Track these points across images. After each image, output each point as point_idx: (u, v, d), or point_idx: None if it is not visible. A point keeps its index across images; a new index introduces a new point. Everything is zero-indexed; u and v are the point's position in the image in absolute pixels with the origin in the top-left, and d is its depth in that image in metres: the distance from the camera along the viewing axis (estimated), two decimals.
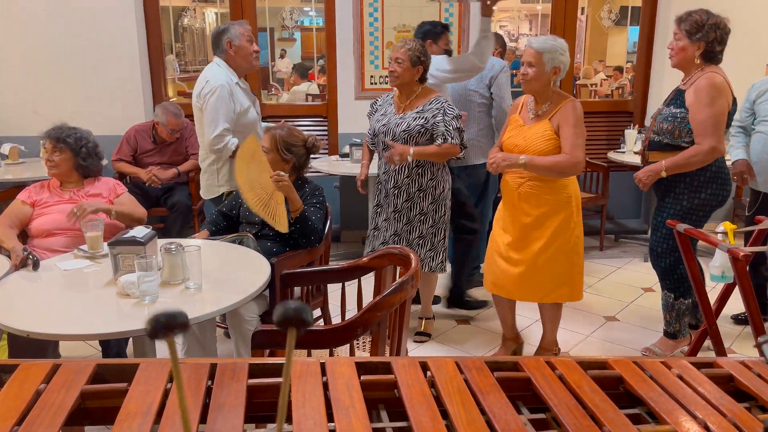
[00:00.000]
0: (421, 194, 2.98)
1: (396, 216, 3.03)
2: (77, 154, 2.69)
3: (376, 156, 3.26)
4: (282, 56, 7.45)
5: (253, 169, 2.48)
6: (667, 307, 2.98)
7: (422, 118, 2.87)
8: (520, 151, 2.59)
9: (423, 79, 2.94)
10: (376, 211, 3.13)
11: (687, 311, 2.96)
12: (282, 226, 2.46)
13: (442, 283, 3.61)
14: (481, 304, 3.61)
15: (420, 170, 2.95)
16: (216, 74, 3.01)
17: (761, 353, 1.23)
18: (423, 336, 3.25)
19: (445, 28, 3.52)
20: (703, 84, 2.67)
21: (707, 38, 2.67)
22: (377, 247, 3.06)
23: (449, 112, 2.87)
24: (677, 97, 2.78)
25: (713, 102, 2.66)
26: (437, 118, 2.85)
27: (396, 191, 3.00)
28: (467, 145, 3.00)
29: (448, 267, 3.38)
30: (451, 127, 2.85)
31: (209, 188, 3.16)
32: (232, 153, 2.95)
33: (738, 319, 3.36)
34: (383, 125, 2.97)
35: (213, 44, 3.09)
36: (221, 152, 2.99)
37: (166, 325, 0.61)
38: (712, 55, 2.70)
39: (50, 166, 2.68)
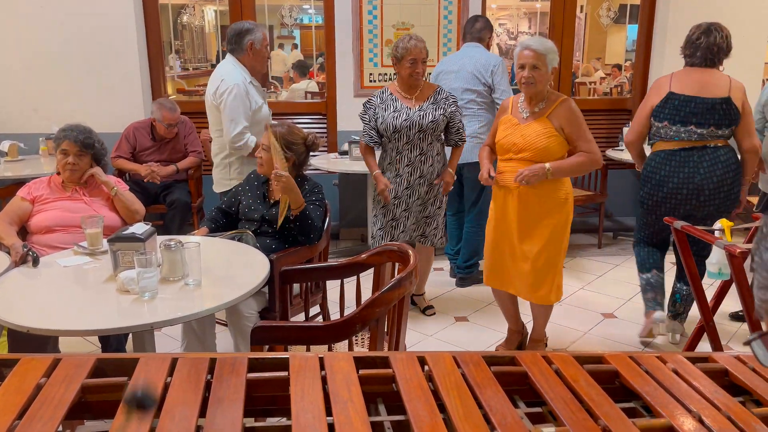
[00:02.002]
0: (436, 179, 3.20)
1: (419, 202, 3.21)
2: (98, 160, 2.73)
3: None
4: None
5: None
6: None
7: (440, 108, 3.11)
8: (519, 149, 2.62)
9: None
10: (394, 203, 3.19)
11: (645, 287, 3.09)
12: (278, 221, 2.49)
13: None
14: None
15: (438, 157, 3.20)
16: (231, 73, 3.07)
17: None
18: (432, 309, 3.51)
19: None
20: None
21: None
22: (396, 237, 3.21)
23: (453, 100, 3.16)
24: None
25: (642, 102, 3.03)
26: (451, 108, 3.13)
27: (420, 180, 3.16)
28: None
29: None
30: (460, 115, 3.18)
31: (220, 182, 3.23)
32: (251, 151, 3.02)
33: (736, 316, 3.38)
34: (405, 120, 3.07)
35: (233, 41, 3.12)
36: (242, 149, 3.05)
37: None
38: (685, 59, 2.97)
39: (72, 169, 2.64)
